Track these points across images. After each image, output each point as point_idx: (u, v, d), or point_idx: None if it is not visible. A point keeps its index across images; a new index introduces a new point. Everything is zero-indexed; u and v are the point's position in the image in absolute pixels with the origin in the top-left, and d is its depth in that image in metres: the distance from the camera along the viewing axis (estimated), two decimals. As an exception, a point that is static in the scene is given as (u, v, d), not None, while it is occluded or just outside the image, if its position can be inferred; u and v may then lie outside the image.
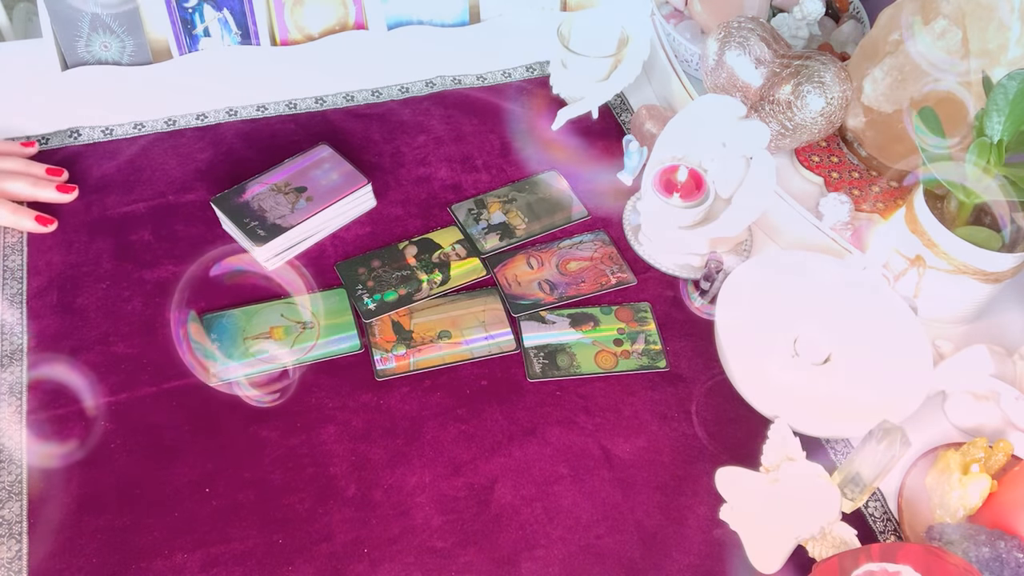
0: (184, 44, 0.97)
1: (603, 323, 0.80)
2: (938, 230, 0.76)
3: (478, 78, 1.02)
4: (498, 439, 0.72)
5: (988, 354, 0.74)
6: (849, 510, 0.67)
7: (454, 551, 0.66)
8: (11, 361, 0.73)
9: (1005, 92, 0.72)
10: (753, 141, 0.79)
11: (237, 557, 0.64)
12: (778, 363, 0.73)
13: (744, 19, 0.89)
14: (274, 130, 0.93)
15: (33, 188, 0.81)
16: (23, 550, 0.63)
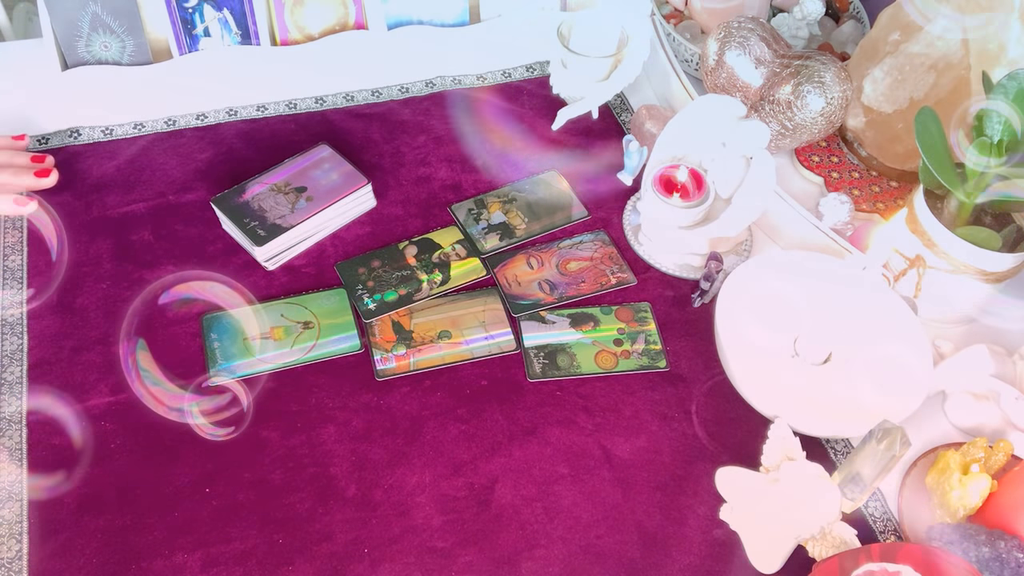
0: (184, 44, 0.97)
1: (603, 323, 0.80)
2: (938, 230, 0.76)
3: (478, 78, 1.02)
4: (498, 439, 0.72)
5: (988, 354, 0.75)
6: (849, 510, 0.67)
7: (454, 551, 0.66)
8: (11, 361, 0.73)
9: (1005, 92, 0.72)
10: (753, 141, 0.79)
11: (237, 557, 0.64)
12: (778, 363, 0.73)
13: (744, 19, 0.89)
14: (274, 130, 0.93)
15: (14, 177, 0.81)
16: (23, 550, 0.63)
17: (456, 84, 1.01)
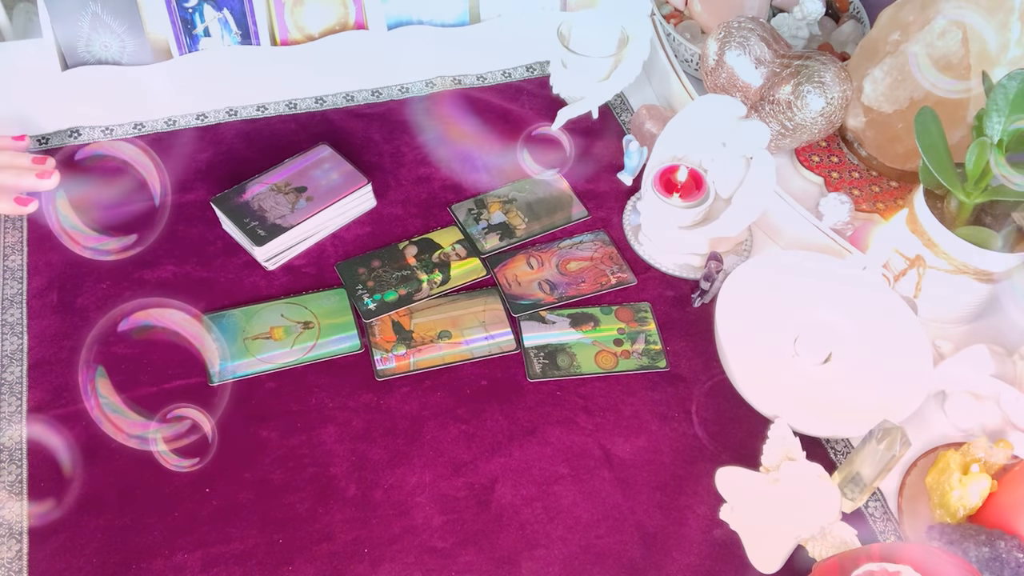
0: (184, 44, 0.97)
1: (603, 323, 0.80)
2: (938, 230, 0.76)
3: (478, 78, 1.02)
4: (498, 439, 0.72)
5: (988, 354, 0.75)
6: (849, 510, 0.67)
7: (454, 551, 0.66)
8: (11, 361, 0.73)
9: (1005, 92, 0.72)
10: (753, 141, 0.79)
11: (237, 557, 0.64)
12: (778, 363, 0.73)
13: (744, 19, 0.89)
14: (274, 130, 0.93)
15: (16, 178, 0.81)
16: (23, 550, 0.63)
17: (456, 84, 1.01)
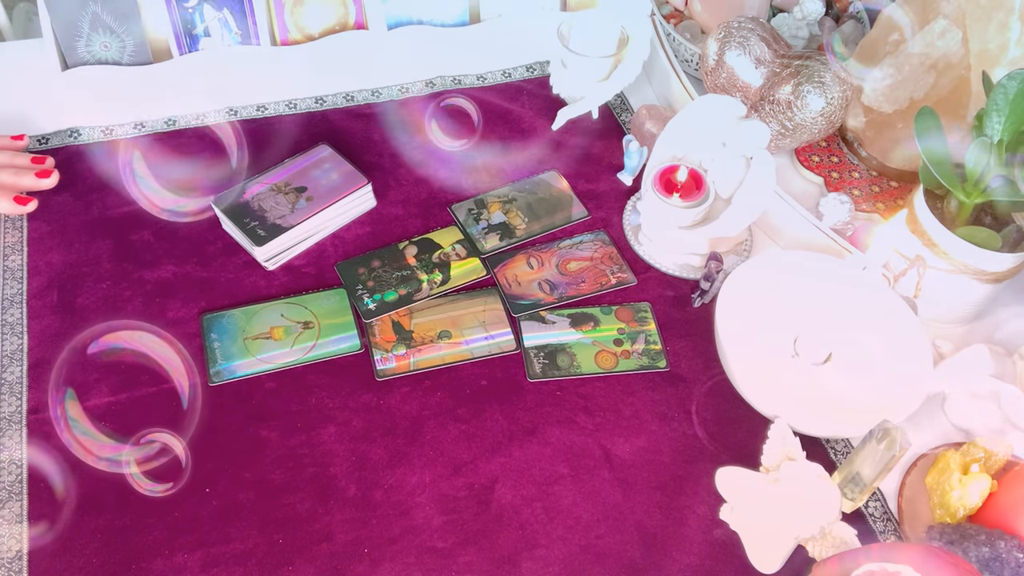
0: (184, 44, 0.97)
1: (603, 323, 0.80)
2: (938, 230, 0.76)
3: (478, 78, 1.02)
4: (498, 439, 0.72)
5: (988, 354, 0.75)
6: (849, 510, 0.67)
7: (454, 551, 0.66)
8: (11, 361, 0.73)
9: (1005, 92, 0.72)
10: (753, 141, 0.79)
11: (237, 557, 0.64)
12: (778, 363, 0.73)
13: (744, 19, 0.89)
14: (274, 130, 0.93)
15: (15, 177, 0.81)
16: (23, 550, 0.63)
17: (456, 84, 1.01)
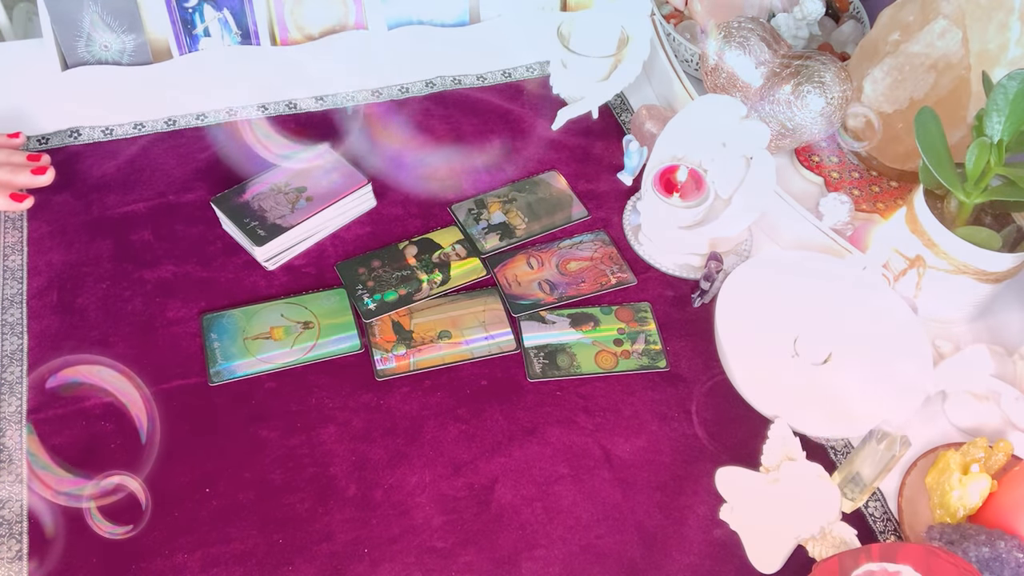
0: (184, 44, 0.97)
1: (603, 323, 0.80)
2: (938, 230, 0.76)
3: (478, 78, 1.02)
4: (498, 439, 0.72)
5: (988, 354, 0.74)
6: (849, 510, 0.67)
7: (454, 551, 0.66)
8: (11, 361, 0.73)
9: (1005, 92, 0.72)
10: (753, 141, 0.79)
11: (237, 557, 0.64)
12: (778, 363, 0.73)
13: (744, 19, 0.89)
14: (274, 130, 0.93)
15: (11, 175, 0.81)
16: (23, 550, 0.63)
17: (456, 84, 1.01)
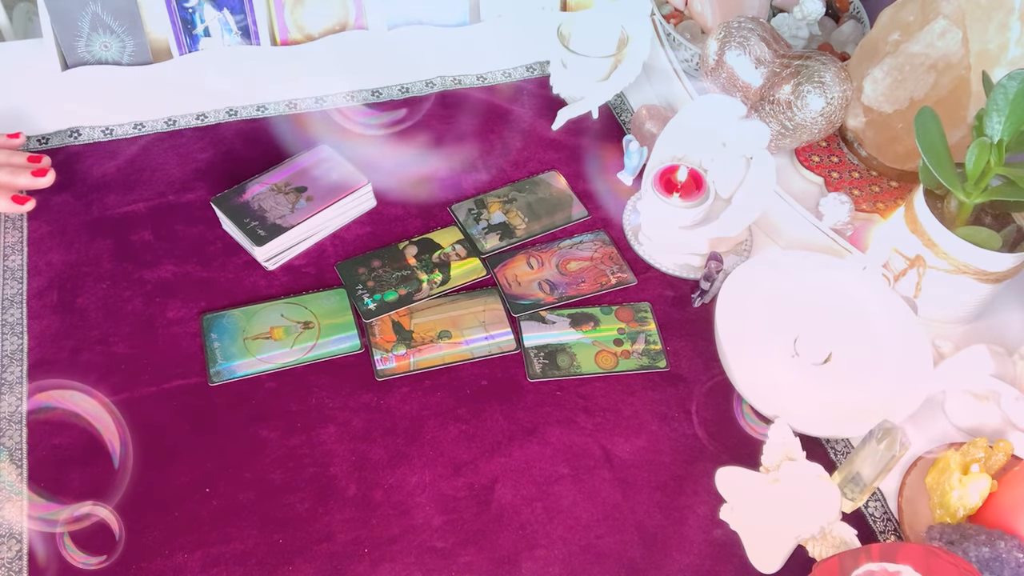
0: (184, 44, 0.97)
1: (603, 323, 0.80)
2: (938, 230, 0.76)
3: (478, 78, 1.02)
4: (498, 439, 0.72)
5: (988, 354, 0.75)
6: (849, 510, 0.67)
7: (454, 551, 0.66)
8: (11, 361, 0.73)
9: (1005, 92, 0.72)
10: (753, 141, 0.79)
11: (237, 557, 0.64)
12: (778, 363, 0.73)
13: (744, 19, 0.89)
14: (274, 130, 0.93)
15: (11, 176, 0.81)
16: (23, 550, 0.63)
17: (456, 84, 1.01)
